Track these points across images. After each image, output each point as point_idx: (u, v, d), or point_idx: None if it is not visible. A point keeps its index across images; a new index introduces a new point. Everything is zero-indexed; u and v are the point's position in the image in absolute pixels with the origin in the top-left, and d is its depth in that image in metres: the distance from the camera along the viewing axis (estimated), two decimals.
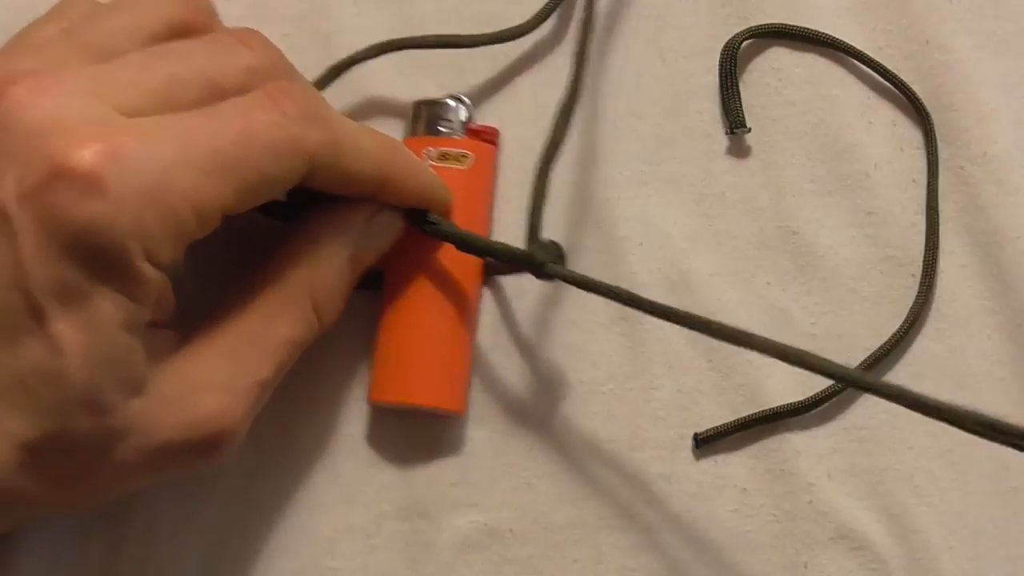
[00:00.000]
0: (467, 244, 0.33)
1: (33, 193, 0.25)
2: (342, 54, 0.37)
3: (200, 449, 0.28)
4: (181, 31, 0.30)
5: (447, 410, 0.34)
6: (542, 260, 0.32)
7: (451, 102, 0.36)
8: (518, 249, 0.33)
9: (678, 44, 0.38)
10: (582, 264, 0.36)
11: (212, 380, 0.28)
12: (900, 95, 0.38)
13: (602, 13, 0.38)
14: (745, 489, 0.35)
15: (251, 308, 0.30)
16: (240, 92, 0.28)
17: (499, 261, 0.34)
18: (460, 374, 0.35)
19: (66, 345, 0.25)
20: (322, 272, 0.31)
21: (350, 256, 0.31)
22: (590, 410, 0.35)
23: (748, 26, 0.38)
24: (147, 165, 0.25)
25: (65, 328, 0.25)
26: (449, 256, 0.34)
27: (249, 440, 0.34)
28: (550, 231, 0.36)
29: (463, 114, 0.36)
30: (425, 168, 0.33)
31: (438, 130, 0.36)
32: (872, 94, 0.38)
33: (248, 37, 0.30)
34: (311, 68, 0.36)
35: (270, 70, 0.30)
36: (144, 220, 0.25)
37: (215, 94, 0.28)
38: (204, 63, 0.29)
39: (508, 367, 0.36)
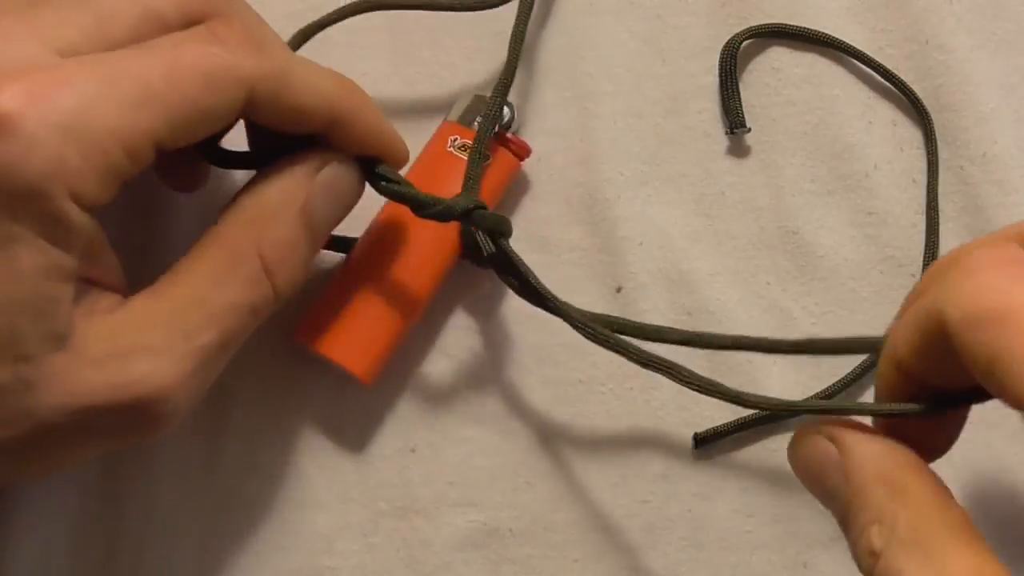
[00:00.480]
0: (408, 199, 0.31)
1: None
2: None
3: (130, 413, 0.27)
4: None
5: (354, 374, 0.33)
6: (462, 208, 0.31)
7: (499, 100, 0.35)
8: (444, 200, 0.31)
9: (678, 44, 0.38)
10: (582, 265, 0.36)
11: (146, 342, 0.27)
12: (900, 95, 0.38)
13: (601, 12, 0.38)
14: (745, 489, 0.35)
15: (195, 270, 0.28)
16: (181, 19, 0.28)
17: (430, 217, 0.32)
18: (382, 344, 0.34)
19: None
20: (271, 229, 0.29)
21: (300, 210, 0.29)
22: (590, 409, 0.35)
23: (748, 26, 0.38)
24: (66, 102, 0.25)
25: None
26: (424, 231, 0.33)
27: (246, 438, 0.35)
28: (550, 230, 0.37)
29: (505, 115, 0.35)
30: (382, 116, 0.31)
31: (474, 124, 0.35)
32: (872, 94, 0.38)
33: None
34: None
35: None
36: (65, 157, 0.25)
37: (153, 25, 0.28)
38: None
39: (507, 366, 0.36)
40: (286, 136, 0.30)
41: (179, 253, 0.29)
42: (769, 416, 0.35)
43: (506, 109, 0.36)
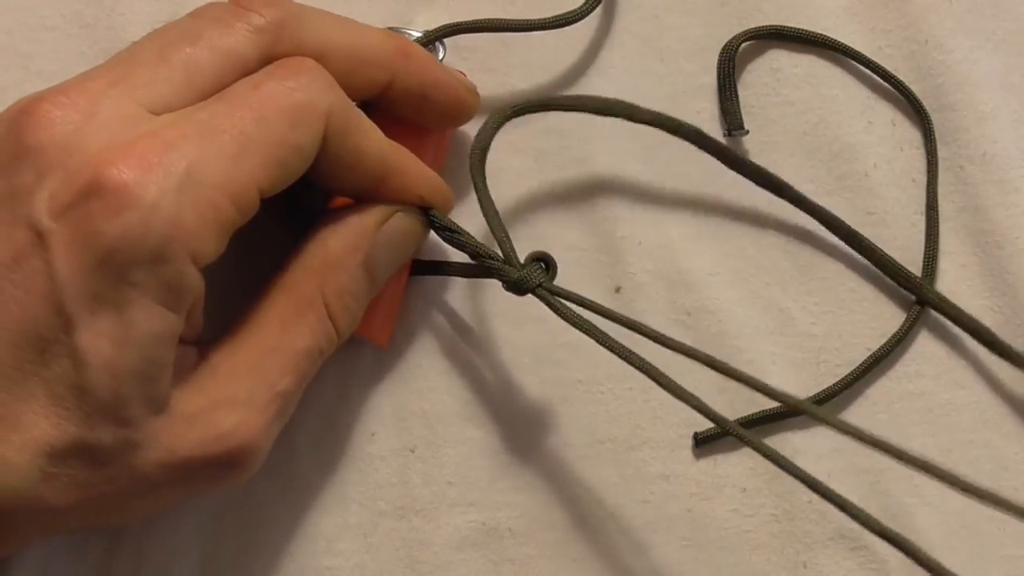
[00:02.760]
0: (469, 250, 0.32)
1: (65, 210, 0.25)
2: None
3: (222, 465, 0.28)
4: None
5: (371, 341, 0.34)
6: (536, 283, 0.32)
7: (424, 37, 0.35)
8: (515, 266, 0.32)
9: (676, 44, 0.38)
10: (581, 264, 0.36)
11: (232, 395, 0.28)
12: (899, 95, 0.38)
13: (600, 12, 0.38)
14: (745, 489, 0.35)
15: (266, 320, 0.29)
16: (259, 55, 0.29)
17: (489, 275, 0.33)
18: (387, 306, 0.34)
19: (92, 358, 0.25)
20: (334, 278, 0.30)
21: (364, 261, 0.31)
22: (589, 409, 0.35)
23: (746, 27, 0.38)
24: (176, 165, 0.26)
25: (92, 340, 0.25)
26: None
27: None
28: (551, 233, 0.37)
29: (441, 54, 0.36)
30: (428, 168, 0.33)
31: None
32: (871, 94, 0.38)
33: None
34: None
35: (281, 19, 0.29)
36: (182, 220, 0.26)
37: (237, 70, 0.28)
38: (215, 38, 0.29)
39: (506, 366, 0.36)
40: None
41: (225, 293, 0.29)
42: (769, 416, 0.35)
43: (440, 46, 0.36)
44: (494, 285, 0.36)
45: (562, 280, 0.36)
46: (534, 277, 0.32)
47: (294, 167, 0.28)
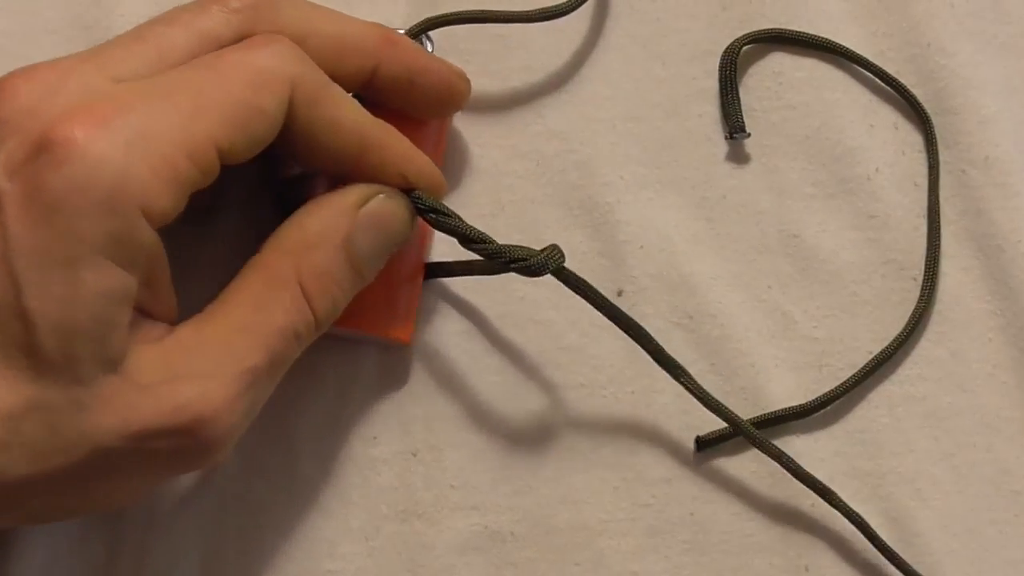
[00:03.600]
0: (459, 234, 0.32)
1: (19, 168, 0.25)
2: None
3: (182, 437, 0.27)
4: None
5: (393, 339, 0.34)
6: (544, 263, 0.32)
7: (415, 32, 0.35)
8: (520, 249, 0.31)
9: (678, 47, 0.38)
10: (583, 268, 0.36)
11: (195, 368, 0.27)
12: (901, 99, 0.38)
13: (601, 15, 0.38)
14: (746, 492, 0.35)
15: (239, 298, 0.29)
16: (234, 36, 0.29)
17: (494, 264, 0.32)
18: (408, 303, 0.34)
19: (40, 319, 0.25)
20: (310, 259, 0.29)
21: (342, 242, 0.30)
22: (591, 413, 0.35)
23: (748, 30, 0.38)
24: (128, 121, 0.26)
25: (40, 299, 0.25)
26: None
27: (247, 442, 0.35)
28: (552, 237, 0.36)
29: (429, 48, 0.36)
30: (414, 147, 0.32)
31: None
32: (873, 97, 0.38)
33: None
34: None
35: (256, 3, 0.30)
36: (132, 172, 0.25)
37: (209, 46, 0.29)
38: (190, 19, 0.29)
39: (509, 369, 0.36)
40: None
41: (210, 281, 0.29)
42: (771, 419, 0.35)
43: (428, 41, 0.36)
44: (496, 287, 0.36)
45: (563, 283, 0.36)
46: (555, 258, 0.32)
47: (257, 131, 0.28)
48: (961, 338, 0.36)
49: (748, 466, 0.35)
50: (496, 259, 0.31)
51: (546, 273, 0.32)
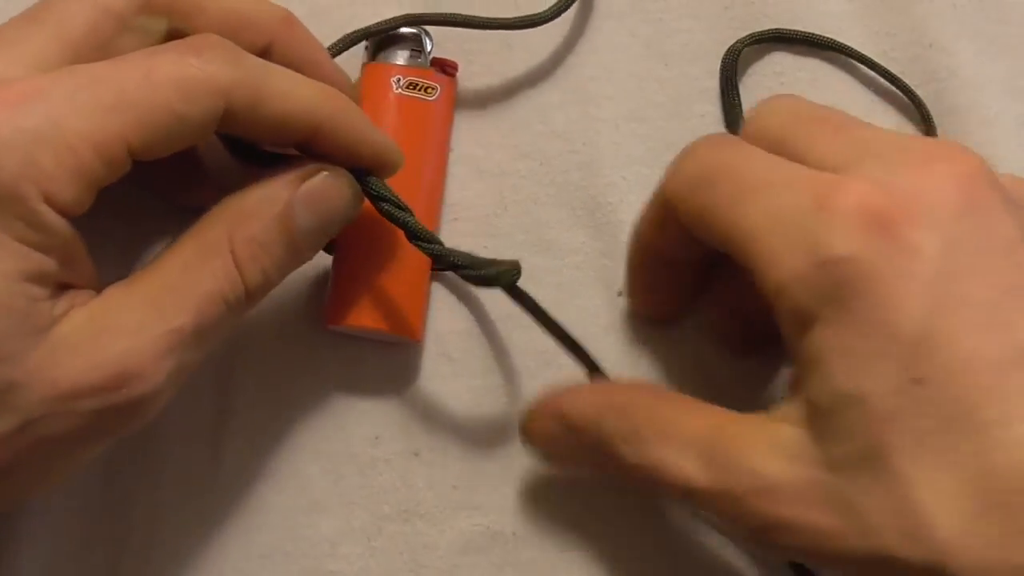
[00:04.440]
0: (405, 227, 0.32)
1: None
2: None
3: (109, 394, 0.27)
4: None
5: (403, 336, 0.34)
6: (495, 277, 0.32)
7: (414, 31, 0.36)
8: (465, 255, 0.32)
9: (680, 48, 0.38)
10: (585, 269, 0.36)
11: (121, 324, 0.27)
12: (904, 98, 0.38)
13: (603, 16, 0.38)
14: None
15: (169, 262, 0.29)
16: (136, 9, 0.29)
17: (443, 267, 0.32)
18: (417, 301, 0.34)
19: None
20: (244, 227, 0.29)
21: (279, 214, 0.30)
22: None
23: (750, 30, 0.38)
24: (37, 109, 0.26)
25: None
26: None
27: (250, 443, 0.35)
28: (554, 237, 0.37)
29: (428, 45, 0.36)
30: (370, 123, 0.31)
31: (407, 59, 0.35)
32: (875, 97, 0.38)
33: None
34: None
35: None
36: (36, 161, 0.25)
37: (109, 19, 0.29)
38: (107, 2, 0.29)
39: (511, 370, 0.36)
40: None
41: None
42: None
43: (427, 38, 0.36)
44: (497, 291, 0.36)
45: (565, 284, 0.36)
46: (508, 273, 0.32)
47: (177, 136, 0.28)
48: None
49: None
50: (442, 261, 0.31)
51: (495, 286, 0.32)
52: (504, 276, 0.32)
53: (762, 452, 0.27)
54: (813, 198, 0.26)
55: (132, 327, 0.27)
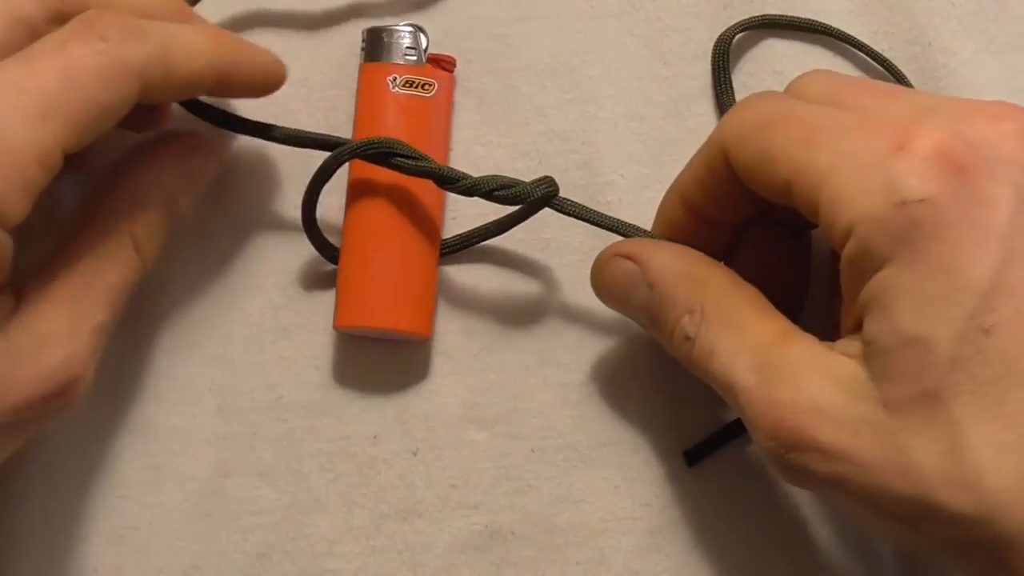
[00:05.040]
0: (441, 178, 0.33)
1: None
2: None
3: (53, 400, 0.28)
4: None
5: (413, 333, 0.34)
6: (529, 191, 0.33)
7: (410, 28, 0.36)
8: (496, 179, 0.33)
9: (679, 47, 0.38)
10: (584, 267, 0.36)
11: (55, 331, 0.28)
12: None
13: (603, 15, 0.38)
14: (748, 491, 0.35)
15: (80, 255, 0.30)
16: (47, 16, 0.29)
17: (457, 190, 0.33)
18: (425, 298, 0.35)
19: None
20: (143, 215, 0.31)
21: (167, 198, 0.32)
22: (592, 412, 0.35)
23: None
24: None
25: None
26: (406, 181, 0.34)
27: (248, 442, 0.35)
28: (552, 233, 0.37)
29: (424, 42, 0.36)
30: (254, 48, 0.33)
31: (403, 57, 0.35)
32: None
33: None
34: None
35: None
36: None
37: (21, 28, 0.29)
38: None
39: (510, 368, 0.36)
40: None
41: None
42: None
43: (421, 34, 0.36)
44: (497, 287, 0.36)
45: (565, 283, 0.36)
46: (544, 187, 0.33)
47: (104, 124, 0.28)
48: None
49: (749, 465, 0.35)
50: (478, 191, 0.33)
51: (534, 202, 0.33)
52: (541, 189, 0.33)
53: (817, 375, 0.27)
54: (891, 140, 0.26)
55: (66, 332, 0.29)
